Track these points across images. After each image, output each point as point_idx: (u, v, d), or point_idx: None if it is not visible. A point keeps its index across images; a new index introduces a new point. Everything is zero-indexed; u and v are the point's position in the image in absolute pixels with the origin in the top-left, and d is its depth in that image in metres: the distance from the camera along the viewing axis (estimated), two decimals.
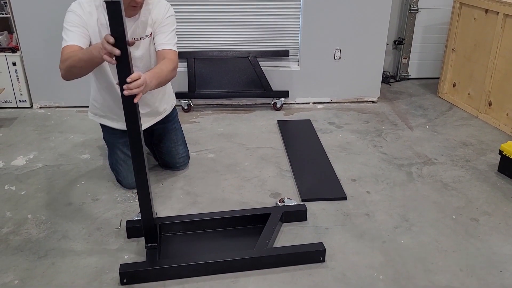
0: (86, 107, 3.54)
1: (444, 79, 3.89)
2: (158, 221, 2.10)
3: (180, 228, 2.13)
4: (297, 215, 2.22)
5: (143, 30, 2.24)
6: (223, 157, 2.86)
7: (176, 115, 2.69)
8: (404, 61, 4.32)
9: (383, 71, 4.03)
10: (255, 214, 2.18)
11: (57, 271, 1.90)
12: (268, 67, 3.63)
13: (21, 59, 3.45)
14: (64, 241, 2.08)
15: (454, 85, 3.81)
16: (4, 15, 3.43)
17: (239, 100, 3.70)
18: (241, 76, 3.61)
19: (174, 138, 2.63)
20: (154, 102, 2.45)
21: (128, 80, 1.71)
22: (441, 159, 2.86)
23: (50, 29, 3.33)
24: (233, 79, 3.61)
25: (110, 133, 2.52)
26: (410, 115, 3.56)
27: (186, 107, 3.56)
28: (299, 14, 3.56)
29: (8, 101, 3.57)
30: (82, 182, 2.56)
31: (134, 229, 2.07)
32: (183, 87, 3.56)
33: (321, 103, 3.79)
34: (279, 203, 2.27)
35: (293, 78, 3.69)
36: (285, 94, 3.65)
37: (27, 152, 2.89)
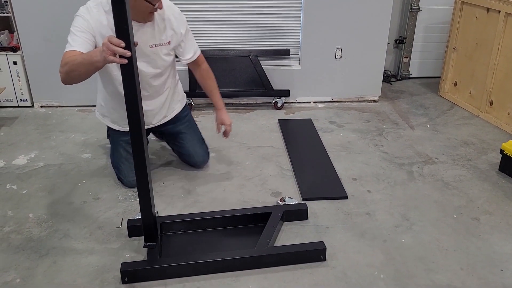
0: (87, 106, 3.58)
1: (445, 78, 3.89)
2: (159, 220, 2.10)
3: (181, 227, 2.13)
4: (298, 214, 2.22)
5: (160, 35, 2.26)
6: (224, 156, 2.86)
7: (188, 113, 2.70)
8: (405, 60, 4.32)
9: (384, 70, 4.03)
10: (256, 213, 2.19)
11: (58, 270, 1.90)
12: (269, 66, 3.62)
13: (22, 58, 3.45)
14: (66, 240, 2.08)
15: (455, 84, 3.81)
16: (5, 14, 3.42)
17: (240, 99, 3.71)
18: (242, 75, 3.61)
19: (189, 137, 2.64)
20: (163, 101, 2.47)
21: (228, 123, 2.51)
22: (442, 158, 2.86)
23: (51, 28, 3.32)
24: (234, 78, 3.61)
25: (115, 130, 2.53)
26: (411, 114, 3.56)
27: None
28: (300, 13, 3.56)
29: (9, 100, 3.57)
30: (84, 181, 2.57)
31: (135, 228, 2.07)
32: (184, 86, 3.49)
33: (322, 102, 3.78)
34: (280, 202, 2.27)
35: (294, 77, 3.69)
36: (286, 93, 3.65)
37: (28, 151, 2.90)
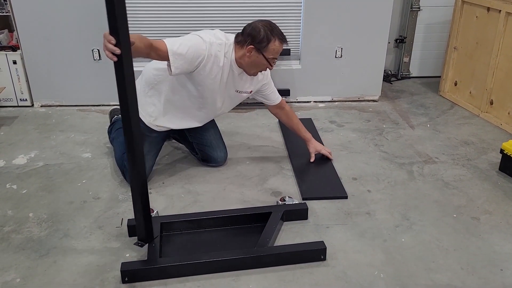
0: (87, 106, 3.58)
1: (446, 77, 3.89)
2: (159, 219, 2.10)
3: (181, 226, 2.13)
4: (298, 213, 2.22)
5: (249, 86, 2.50)
6: None
7: None
8: (405, 59, 4.31)
9: (384, 70, 4.02)
10: (256, 213, 2.19)
11: (58, 270, 1.90)
12: None
13: (22, 58, 3.45)
14: (66, 240, 2.08)
15: (455, 84, 3.81)
16: (4, 13, 3.42)
17: None
18: None
19: (213, 131, 2.71)
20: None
21: (324, 151, 2.78)
22: (442, 158, 2.86)
23: (50, 27, 3.32)
24: None
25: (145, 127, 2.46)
26: (411, 114, 3.56)
27: None
28: (300, 13, 3.55)
29: (9, 100, 3.57)
30: (84, 181, 2.57)
31: (135, 228, 2.07)
32: None
33: (322, 101, 3.78)
34: (280, 202, 2.27)
35: (294, 77, 3.69)
36: (286, 92, 3.64)
37: (28, 151, 2.90)
